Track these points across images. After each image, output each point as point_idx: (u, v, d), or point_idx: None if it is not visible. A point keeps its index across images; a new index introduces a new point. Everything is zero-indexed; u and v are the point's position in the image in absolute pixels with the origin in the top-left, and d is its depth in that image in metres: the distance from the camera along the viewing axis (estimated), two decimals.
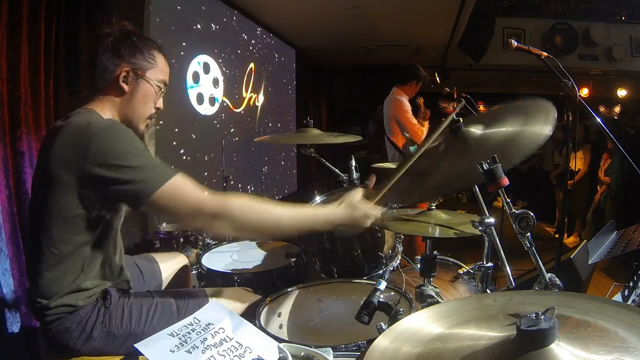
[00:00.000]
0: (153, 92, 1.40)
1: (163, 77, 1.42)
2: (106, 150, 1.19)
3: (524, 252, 1.09)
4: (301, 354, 1.05)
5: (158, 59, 1.40)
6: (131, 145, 1.22)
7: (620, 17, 7.50)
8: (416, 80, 3.92)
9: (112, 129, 1.24)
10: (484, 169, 1.03)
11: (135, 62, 1.35)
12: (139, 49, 1.36)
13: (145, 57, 1.37)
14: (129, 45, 1.34)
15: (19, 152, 2.22)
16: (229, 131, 4.55)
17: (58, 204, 1.23)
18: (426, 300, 1.29)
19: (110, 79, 1.34)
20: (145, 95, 1.39)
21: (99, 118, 1.29)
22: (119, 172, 1.18)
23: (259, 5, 4.78)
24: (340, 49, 7.16)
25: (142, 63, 1.36)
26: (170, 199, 1.20)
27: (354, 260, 1.82)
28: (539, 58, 2.08)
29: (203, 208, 1.21)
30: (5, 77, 2.16)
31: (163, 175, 1.20)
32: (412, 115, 3.82)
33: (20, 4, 2.19)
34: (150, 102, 1.41)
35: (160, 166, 1.23)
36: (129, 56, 1.34)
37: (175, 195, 1.20)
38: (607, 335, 0.66)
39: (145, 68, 1.37)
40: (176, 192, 1.20)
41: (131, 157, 1.20)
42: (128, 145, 1.22)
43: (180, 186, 1.21)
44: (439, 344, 0.72)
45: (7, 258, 2.11)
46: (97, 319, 1.31)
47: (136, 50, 1.35)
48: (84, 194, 1.22)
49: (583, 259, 2.45)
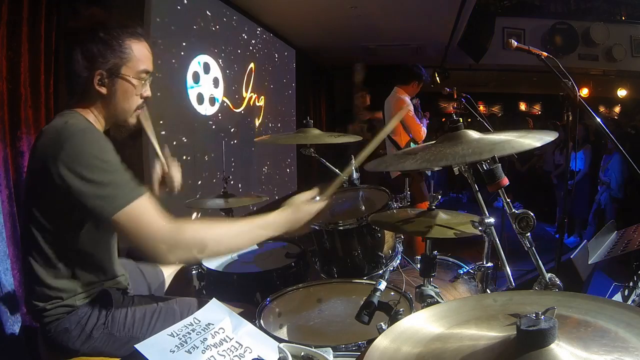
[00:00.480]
0: (132, 87, 1.33)
1: (143, 66, 1.34)
2: (76, 156, 1.16)
3: (524, 252, 1.09)
4: (301, 354, 1.05)
5: (134, 49, 1.31)
6: (101, 158, 1.18)
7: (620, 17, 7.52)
8: (418, 80, 3.92)
9: (86, 136, 1.20)
10: (484, 169, 1.03)
11: (107, 62, 1.27)
12: (109, 46, 1.26)
13: (118, 52, 1.28)
14: (97, 43, 1.25)
15: (19, 152, 2.23)
16: (229, 131, 4.55)
17: (44, 205, 1.23)
18: (426, 300, 1.29)
19: (85, 84, 1.29)
20: (126, 92, 1.33)
21: (78, 120, 1.26)
22: (83, 184, 1.15)
23: (259, 5, 4.78)
24: (340, 49, 7.17)
25: (114, 61, 1.28)
26: (129, 223, 1.15)
27: (354, 260, 1.82)
28: (539, 58, 2.08)
29: (160, 238, 1.16)
30: (6, 77, 2.16)
31: (126, 196, 1.15)
32: (414, 114, 3.83)
33: (21, 4, 2.19)
34: (132, 97, 1.35)
35: (125, 186, 1.17)
36: (100, 57, 1.26)
37: (136, 221, 1.15)
38: (607, 335, 0.66)
39: (119, 65, 1.29)
40: (137, 217, 1.15)
41: (98, 171, 1.16)
42: (98, 157, 1.17)
43: (141, 212, 1.16)
44: (439, 344, 0.72)
45: (8, 258, 2.11)
46: (99, 319, 1.31)
47: (106, 48, 1.26)
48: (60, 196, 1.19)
49: (583, 259, 2.45)
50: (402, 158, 1.26)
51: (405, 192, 2.03)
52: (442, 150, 1.14)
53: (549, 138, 1.12)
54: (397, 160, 1.30)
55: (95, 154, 1.18)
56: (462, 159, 1.09)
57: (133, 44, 1.31)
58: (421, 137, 3.75)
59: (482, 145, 1.12)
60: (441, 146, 1.19)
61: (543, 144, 1.10)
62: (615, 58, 7.13)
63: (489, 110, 11.00)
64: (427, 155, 1.16)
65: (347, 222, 1.79)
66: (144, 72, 1.35)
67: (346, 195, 2.18)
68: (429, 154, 1.15)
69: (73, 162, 1.15)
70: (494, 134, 1.25)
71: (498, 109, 11.33)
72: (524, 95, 11.13)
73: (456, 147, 1.14)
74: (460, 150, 1.11)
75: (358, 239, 1.80)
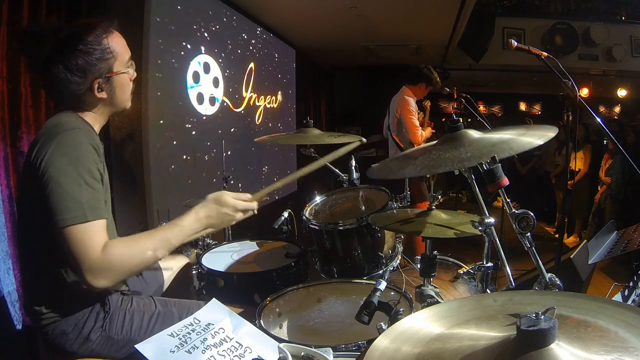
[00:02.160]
0: (127, 77, 1.34)
1: (126, 55, 1.34)
2: (57, 155, 1.16)
3: (524, 252, 1.09)
4: (301, 354, 1.05)
5: (112, 44, 1.28)
6: (75, 167, 1.16)
7: (620, 17, 7.51)
8: (426, 82, 3.94)
9: (71, 139, 1.19)
10: (484, 169, 1.03)
11: (99, 69, 1.27)
12: (93, 53, 1.24)
13: (104, 56, 1.26)
14: (81, 57, 1.23)
15: (19, 152, 2.22)
16: (229, 131, 4.55)
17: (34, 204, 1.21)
18: (426, 300, 1.29)
19: (83, 97, 1.29)
20: (123, 86, 1.34)
21: (70, 120, 1.25)
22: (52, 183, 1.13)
23: (259, 5, 4.78)
24: (340, 49, 7.16)
25: (104, 65, 1.27)
26: (69, 242, 1.12)
27: (354, 260, 1.82)
28: (539, 58, 2.08)
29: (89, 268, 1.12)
30: (6, 77, 2.16)
31: (79, 215, 1.13)
32: (415, 117, 3.85)
33: (21, 4, 2.19)
34: (128, 85, 1.37)
35: (85, 204, 1.15)
36: (90, 67, 1.25)
37: (76, 242, 1.12)
38: (607, 335, 0.66)
39: (110, 65, 1.29)
40: (79, 240, 1.12)
41: (67, 178, 1.15)
42: (73, 164, 1.16)
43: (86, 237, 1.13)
44: (439, 344, 0.72)
45: (9, 258, 2.11)
46: (96, 322, 1.30)
47: (92, 57, 1.24)
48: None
49: (583, 259, 2.45)
50: (402, 164, 1.26)
51: (405, 192, 2.03)
52: (442, 155, 1.15)
53: (550, 134, 1.12)
54: (398, 166, 1.30)
55: (72, 161, 1.16)
56: (461, 164, 1.09)
57: (110, 41, 1.29)
58: (418, 140, 3.74)
59: (481, 148, 1.12)
60: (441, 149, 1.19)
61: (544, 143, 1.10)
62: (615, 58, 7.13)
63: (489, 110, 11.01)
64: (426, 160, 1.16)
65: (347, 222, 1.79)
66: (129, 60, 1.36)
67: (346, 195, 2.18)
68: (428, 159, 1.16)
69: (49, 162, 1.15)
70: (493, 132, 1.25)
71: (498, 109, 11.34)
72: (524, 95, 11.13)
73: (456, 151, 1.14)
74: (459, 155, 1.11)
75: (358, 239, 1.80)
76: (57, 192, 1.13)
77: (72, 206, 1.13)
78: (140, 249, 1.20)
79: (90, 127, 1.31)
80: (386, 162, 1.43)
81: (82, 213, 1.14)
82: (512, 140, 1.12)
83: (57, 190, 1.14)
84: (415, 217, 1.61)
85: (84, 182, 1.17)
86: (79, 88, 1.26)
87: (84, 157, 1.19)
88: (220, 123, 4.32)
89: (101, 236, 1.16)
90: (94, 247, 1.13)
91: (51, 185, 1.14)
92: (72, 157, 1.17)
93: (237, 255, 2.04)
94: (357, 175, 2.10)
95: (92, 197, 1.17)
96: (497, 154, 1.04)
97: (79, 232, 1.13)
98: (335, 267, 1.87)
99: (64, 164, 1.16)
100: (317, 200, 2.10)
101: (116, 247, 1.16)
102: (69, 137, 1.19)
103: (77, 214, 1.13)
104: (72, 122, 1.24)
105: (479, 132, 1.24)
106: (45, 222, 1.17)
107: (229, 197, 1.34)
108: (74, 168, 1.16)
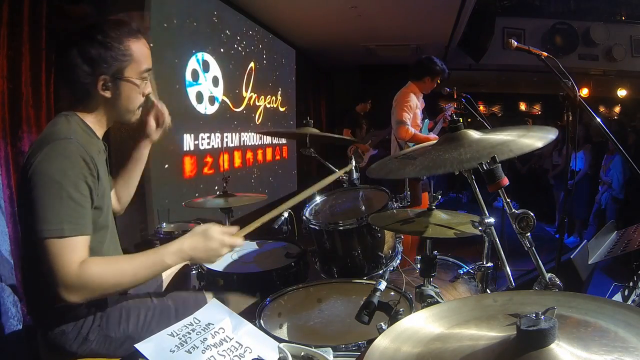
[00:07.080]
0: (137, 87, 1.32)
1: (144, 65, 1.32)
2: (44, 164, 1.14)
3: (524, 252, 1.09)
4: (301, 354, 1.05)
5: (134, 49, 1.28)
6: (60, 180, 1.13)
7: (620, 17, 7.51)
8: (431, 75, 3.59)
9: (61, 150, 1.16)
10: (484, 169, 1.03)
11: (109, 67, 1.25)
12: (109, 49, 1.24)
13: (119, 55, 1.26)
14: (97, 48, 1.23)
15: (20, 151, 2.23)
16: (229, 131, 4.55)
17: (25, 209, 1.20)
18: (426, 300, 1.29)
19: (88, 90, 1.27)
20: (130, 94, 1.32)
21: (64, 128, 1.23)
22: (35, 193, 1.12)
23: (259, 5, 4.78)
24: (340, 49, 7.17)
25: (117, 64, 1.26)
26: (48, 255, 1.10)
27: (354, 260, 1.82)
28: (539, 58, 2.08)
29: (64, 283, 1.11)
30: (6, 77, 2.16)
31: (57, 230, 1.11)
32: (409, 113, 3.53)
33: (21, 4, 2.19)
34: (136, 97, 1.34)
35: (66, 219, 1.12)
36: (102, 62, 1.24)
37: (54, 256, 1.10)
38: (607, 335, 0.66)
39: (122, 68, 1.27)
40: (56, 253, 1.10)
41: (52, 192, 1.12)
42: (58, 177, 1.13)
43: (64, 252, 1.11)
44: (439, 344, 0.72)
45: (11, 257, 2.12)
46: (94, 322, 1.30)
47: (107, 52, 1.24)
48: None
49: (583, 259, 2.45)
50: (402, 164, 1.26)
51: (405, 192, 2.03)
52: (441, 156, 1.14)
53: (551, 136, 1.12)
54: (398, 167, 1.30)
55: (57, 173, 1.14)
56: (461, 165, 1.09)
57: (133, 44, 1.29)
58: (402, 136, 3.45)
59: (480, 149, 1.12)
60: (441, 149, 1.19)
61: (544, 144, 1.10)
62: (615, 58, 7.13)
63: (489, 110, 11.00)
64: (426, 161, 1.16)
65: (347, 222, 1.79)
66: (146, 70, 1.34)
67: (346, 195, 2.18)
68: (428, 160, 1.16)
69: (35, 170, 1.14)
70: (493, 133, 1.25)
71: (498, 109, 11.33)
72: (524, 95, 11.12)
73: (455, 151, 1.14)
74: (458, 156, 1.11)
75: (358, 239, 1.80)
76: (39, 203, 1.12)
77: (51, 219, 1.11)
78: (118, 271, 1.18)
79: (89, 133, 1.31)
80: (385, 162, 1.43)
81: (60, 227, 1.11)
82: (512, 142, 1.12)
83: (39, 201, 1.12)
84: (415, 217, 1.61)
85: (67, 196, 1.14)
86: (85, 80, 1.25)
87: (71, 170, 1.16)
88: (220, 122, 4.33)
89: (79, 252, 1.14)
90: (70, 263, 1.11)
91: (34, 194, 1.12)
92: (59, 169, 1.14)
93: (237, 255, 2.04)
94: (357, 175, 2.10)
95: (74, 212, 1.14)
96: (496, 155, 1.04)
97: (55, 246, 1.11)
98: (335, 267, 1.87)
99: (49, 174, 1.13)
100: (317, 200, 2.10)
101: (94, 266, 1.14)
102: (59, 147, 1.17)
103: (54, 228, 1.11)
104: (65, 131, 1.22)
105: (479, 133, 1.24)
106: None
107: (216, 231, 1.31)
108: (59, 180, 1.13)
